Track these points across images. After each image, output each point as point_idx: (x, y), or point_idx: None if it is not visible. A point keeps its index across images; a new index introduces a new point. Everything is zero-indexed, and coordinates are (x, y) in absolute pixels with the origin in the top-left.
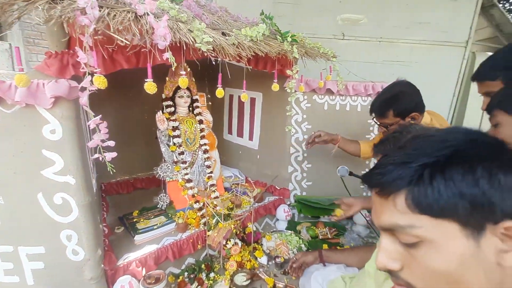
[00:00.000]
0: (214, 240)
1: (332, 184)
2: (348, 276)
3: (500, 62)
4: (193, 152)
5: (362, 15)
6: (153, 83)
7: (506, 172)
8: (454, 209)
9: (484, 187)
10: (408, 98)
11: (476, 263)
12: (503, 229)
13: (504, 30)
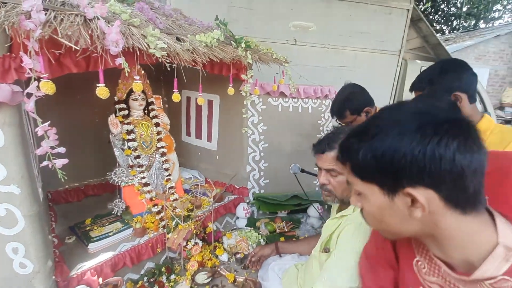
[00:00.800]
0: (174, 242)
1: (287, 181)
2: (301, 264)
3: (425, 76)
4: (150, 155)
5: (312, 23)
6: (106, 88)
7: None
8: (373, 178)
9: (389, 165)
10: (358, 97)
11: (392, 212)
12: (406, 193)
13: (430, 41)
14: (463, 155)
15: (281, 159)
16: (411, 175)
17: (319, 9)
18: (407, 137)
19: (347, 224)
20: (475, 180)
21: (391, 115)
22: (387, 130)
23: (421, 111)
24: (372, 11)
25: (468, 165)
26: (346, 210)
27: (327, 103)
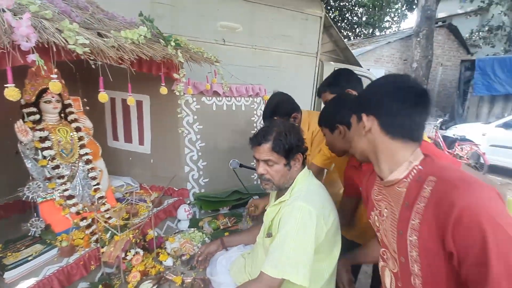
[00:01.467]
0: (111, 256)
1: (227, 178)
2: (247, 253)
3: (326, 80)
4: (71, 164)
5: (239, 25)
6: (16, 89)
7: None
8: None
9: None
10: (285, 105)
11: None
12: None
13: (339, 45)
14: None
15: (219, 157)
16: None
17: (244, 11)
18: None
19: (285, 210)
20: (409, 125)
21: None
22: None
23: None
24: (291, 16)
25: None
26: (284, 196)
27: (258, 100)
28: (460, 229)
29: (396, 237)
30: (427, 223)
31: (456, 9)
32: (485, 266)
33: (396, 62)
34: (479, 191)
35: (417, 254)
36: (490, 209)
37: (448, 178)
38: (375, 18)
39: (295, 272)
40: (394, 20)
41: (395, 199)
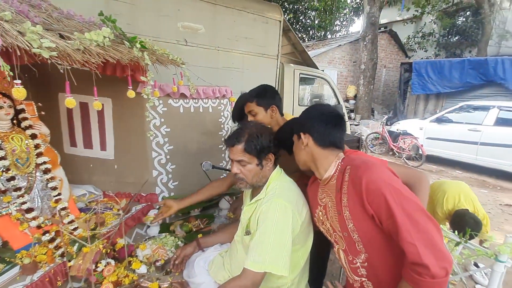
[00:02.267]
0: (80, 269)
1: (196, 180)
2: (224, 251)
3: (254, 91)
4: (28, 175)
5: (201, 26)
6: None
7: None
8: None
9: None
10: None
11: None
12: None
13: (298, 48)
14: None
15: (188, 159)
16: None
17: (206, 12)
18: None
19: (263, 207)
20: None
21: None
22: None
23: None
24: (253, 19)
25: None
26: (259, 195)
27: (225, 102)
28: (369, 195)
29: (338, 218)
30: (352, 198)
31: (395, 16)
32: (393, 217)
33: (346, 63)
34: (374, 167)
35: (353, 225)
36: (383, 177)
37: (356, 164)
38: (327, 22)
39: (276, 264)
40: (343, 24)
41: (331, 190)
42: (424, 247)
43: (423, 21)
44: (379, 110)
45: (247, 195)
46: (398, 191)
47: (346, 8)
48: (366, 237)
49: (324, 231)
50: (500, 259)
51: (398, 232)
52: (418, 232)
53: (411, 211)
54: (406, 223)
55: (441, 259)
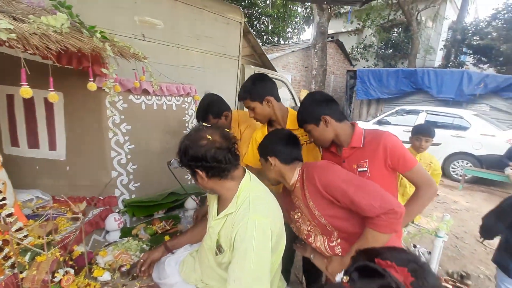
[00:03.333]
0: (35, 280)
1: (159, 180)
2: (195, 250)
3: (243, 89)
4: None
5: (160, 21)
6: None
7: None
8: (261, 155)
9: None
10: (216, 104)
11: (267, 167)
12: (270, 159)
13: (257, 50)
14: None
15: (151, 159)
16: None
17: (165, 8)
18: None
19: (239, 227)
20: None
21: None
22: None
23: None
24: (214, 19)
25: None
26: (229, 208)
27: (189, 100)
28: (325, 188)
29: (308, 212)
30: (311, 192)
31: (341, 28)
32: (346, 194)
33: (299, 69)
34: (320, 165)
35: (318, 211)
36: (328, 170)
37: (308, 165)
38: (280, 28)
39: (260, 285)
40: (295, 31)
41: (299, 193)
42: (379, 200)
43: (364, 34)
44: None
45: (212, 204)
46: (342, 174)
47: (297, 17)
48: (330, 216)
49: (298, 230)
50: (439, 235)
51: (354, 201)
52: (367, 193)
53: (355, 183)
54: (357, 194)
55: (396, 202)
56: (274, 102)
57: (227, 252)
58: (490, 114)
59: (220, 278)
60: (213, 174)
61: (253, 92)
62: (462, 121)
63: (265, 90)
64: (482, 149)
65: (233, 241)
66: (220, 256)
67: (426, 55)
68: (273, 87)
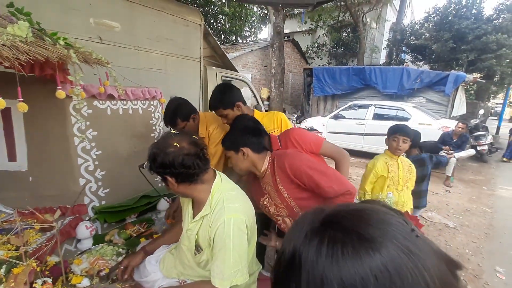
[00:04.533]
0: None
1: (130, 184)
2: (173, 248)
3: (214, 99)
4: None
5: (117, 23)
6: None
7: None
8: (230, 148)
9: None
10: (184, 107)
11: (238, 159)
12: (241, 150)
13: (217, 51)
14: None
15: (120, 164)
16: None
17: (122, 9)
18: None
19: (217, 226)
20: (260, 142)
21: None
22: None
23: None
24: (173, 21)
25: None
26: (204, 210)
27: (155, 103)
28: (292, 171)
29: (278, 195)
30: (282, 177)
31: (296, 27)
32: (311, 178)
33: (259, 68)
34: (290, 153)
35: (287, 194)
36: (296, 158)
37: (278, 154)
38: (237, 27)
39: (240, 275)
40: (252, 30)
41: (268, 179)
42: (336, 185)
43: (318, 34)
44: (290, 110)
45: (186, 207)
46: (307, 161)
47: (254, 16)
48: (298, 198)
49: (268, 213)
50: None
51: (319, 184)
52: (329, 178)
53: (319, 169)
54: (321, 178)
55: (350, 184)
56: (242, 106)
57: (206, 250)
58: (426, 105)
59: (199, 276)
60: (183, 180)
61: (224, 100)
62: (404, 113)
63: (234, 97)
64: (421, 136)
65: (212, 240)
66: (199, 255)
67: (372, 53)
68: (240, 93)
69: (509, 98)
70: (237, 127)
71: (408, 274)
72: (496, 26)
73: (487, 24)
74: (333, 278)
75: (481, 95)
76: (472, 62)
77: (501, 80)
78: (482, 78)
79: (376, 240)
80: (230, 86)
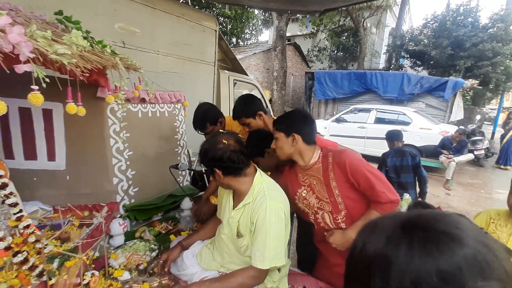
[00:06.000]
0: (66, 284)
1: (155, 184)
2: (209, 243)
3: (237, 110)
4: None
5: (138, 29)
6: None
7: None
8: (281, 130)
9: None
10: (212, 113)
11: (289, 146)
12: (292, 135)
13: (229, 56)
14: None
15: (147, 164)
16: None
17: (144, 15)
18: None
19: (259, 212)
20: (312, 135)
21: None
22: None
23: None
24: (191, 26)
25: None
26: (247, 199)
27: (179, 107)
28: (352, 171)
29: (326, 189)
30: (337, 174)
31: (297, 31)
32: (368, 180)
33: (261, 70)
34: (350, 153)
35: (338, 191)
36: (356, 158)
37: (336, 151)
38: (238, 30)
39: (279, 259)
40: (252, 33)
41: (317, 172)
42: (388, 192)
43: (318, 38)
44: None
45: (226, 199)
46: (366, 164)
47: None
48: (347, 197)
49: (304, 205)
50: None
51: (373, 188)
52: (383, 184)
53: (376, 174)
54: (376, 182)
55: (397, 194)
56: (264, 115)
57: (246, 236)
58: (426, 110)
59: (240, 261)
60: (229, 172)
61: (247, 110)
62: (405, 117)
63: (256, 107)
64: (421, 140)
65: (254, 225)
66: (240, 239)
67: (372, 58)
68: (261, 103)
69: (503, 104)
70: (295, 114)
71: (491, 262)
72: (491, 34)
73: (483, 33)
74: (431, 271)
75: (477, 101)
76: (469, 68)
77: (496, 86)
78: (478, 84)
79: (461, 237)
80: (252, 97)
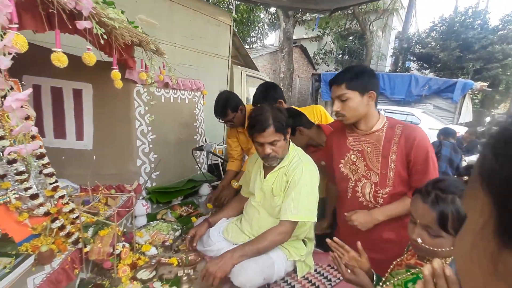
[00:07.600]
0: (100, 252)
1: (175, 169)
2: (235, 219)
3: (258, 95)
4: (23, 160)
5: (157, 21)
6: (64, 55)
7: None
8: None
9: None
10: (232, 100)
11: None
12: (371, 92)
13: (241, 52)
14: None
15: (168, 149)
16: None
17: (162, 8)
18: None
19: (295, 172)
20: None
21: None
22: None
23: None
24: (206, 21)
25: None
26: (282, 163)
27: (198, 94)
28: (417, 148)
29: (381, 159)
30: (400, 147)
31: (303, 34)
32: (426, 163)
33: (268, 72)
34: (422, 131)
35: (394, 165)
36: (426, 138)
37: (408, 125)
38: (244, 33)
39: (310, 214)
40: (258, 36)
41: (377, 140)
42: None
43: (324, 41)
44: None
45: (257, 170)
46: (432, 150)
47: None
48: (399, 174)
49: (350, 170)
50: None
51: (426, 173)
52: (435, 171)
53: (435, 163)
54: (432, 170)
55: None
56: (283, 104)
57: (280, 195)
58: (434, 112)
59: (272, 223)
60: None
61: (268, 97)
62: (414, 118)
63: (277, 94)
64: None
65: (289, 184)
66: (276, 198)
67: (378, 61)
68: (281, 92)
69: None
70: (367, 70)
71: None
72: (502, 36)
73: (493, 35)
74: None
75: (486, 104)
76: (477, 71)
77: (507, 89)
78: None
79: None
80: (274, 85)
